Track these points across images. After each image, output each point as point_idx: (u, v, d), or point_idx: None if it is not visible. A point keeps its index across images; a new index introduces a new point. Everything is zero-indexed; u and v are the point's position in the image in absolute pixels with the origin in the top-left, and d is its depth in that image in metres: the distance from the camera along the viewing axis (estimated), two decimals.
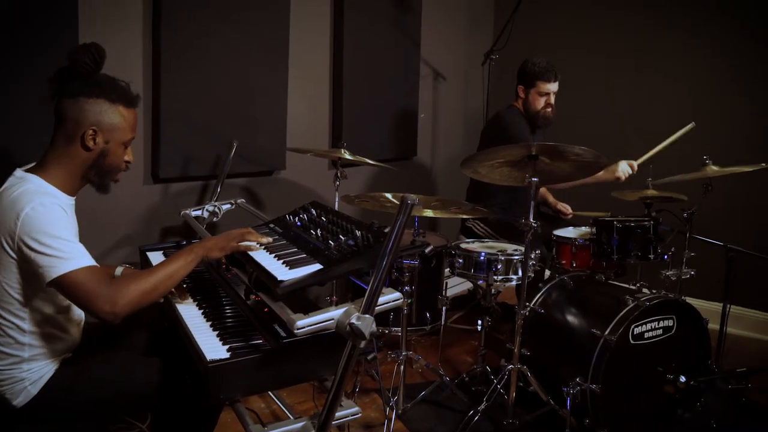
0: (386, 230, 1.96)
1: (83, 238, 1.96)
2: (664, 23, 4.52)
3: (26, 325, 1.91)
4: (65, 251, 1.78)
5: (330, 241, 2.09)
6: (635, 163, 3.67)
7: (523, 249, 3.04)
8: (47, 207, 1.81)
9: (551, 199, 4.28)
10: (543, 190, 4.28)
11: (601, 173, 3.52)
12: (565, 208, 4.19)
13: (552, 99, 3.93)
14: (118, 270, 2.37)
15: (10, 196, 1.85)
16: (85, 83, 1.92)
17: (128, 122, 2.00)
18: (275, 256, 2.08)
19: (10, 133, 2.64)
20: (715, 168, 3.28)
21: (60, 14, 2.75)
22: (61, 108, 1.93)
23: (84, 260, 1.80)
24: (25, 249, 1.78)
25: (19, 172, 1.95)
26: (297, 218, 2.45)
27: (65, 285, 1.78)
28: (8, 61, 2.61)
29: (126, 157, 2.06)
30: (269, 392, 3.01)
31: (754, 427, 3.09)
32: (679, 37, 4.47)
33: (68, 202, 1.97)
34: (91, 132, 1.92)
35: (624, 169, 3.64)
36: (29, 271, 1.82)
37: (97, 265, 1.85)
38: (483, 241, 3.61)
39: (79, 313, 2.11)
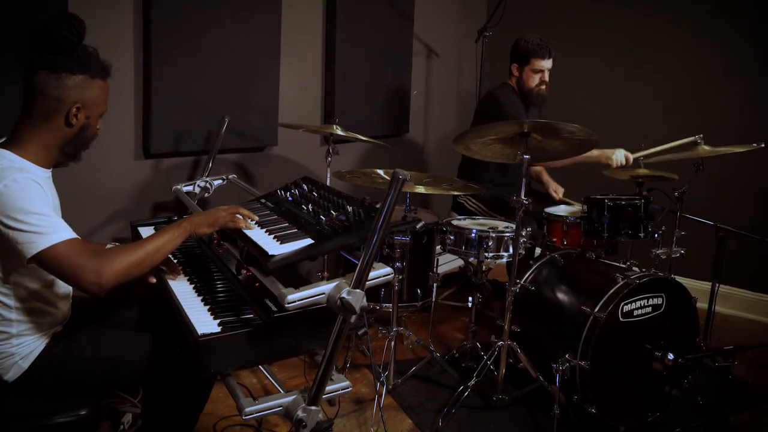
0: (378, 206, 1.96)
1: (74, 213, 1.96)
2: (659, 4, 4.50)
3: (11, 301, 1.89)
4: (43, 226, 1.74)
5: (321, 216, 2.09)
6: (631, 157, 3.64)
7: (514, 226, 3.04)
8: (21, 183, 1.76)
9: (546, 177, 4.27)
10: (539, 168, 4.28)
11: (596, 152, 3.53)
12: (556, 193, 4.16)
13: (546, 76, 3.92)
14: (108, 248, 2.36)
15: None
16: (68, 58, 1.86)
17: (105, 95, 1.98)
18: (266, 231, 2.08)
19: None
20: (707, 148, 3.29)
21: None
22: (40, 83, 1.86)
23: (64, 233, 1.77)
24: (1, 228, 1.74)
25: None
26: (288, 193, 2.45)
27: (47, 260, 1.74)
28: None
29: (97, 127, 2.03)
30: (260, 367, 3.03)
31: (740, 404, 3.12)
32: (674, 18, 4.45)
33: (44, 175, 1.92)
34: (75, 109, 1.88)
35: (619, 157, 3.61)
36: (7, 248, 1.78)
37: (79, 237, 1.82)
38: (474, 218, 3.62)
39: (65, 287, 2.08)
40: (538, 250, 3.69)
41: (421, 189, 3.14)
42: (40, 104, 1.87)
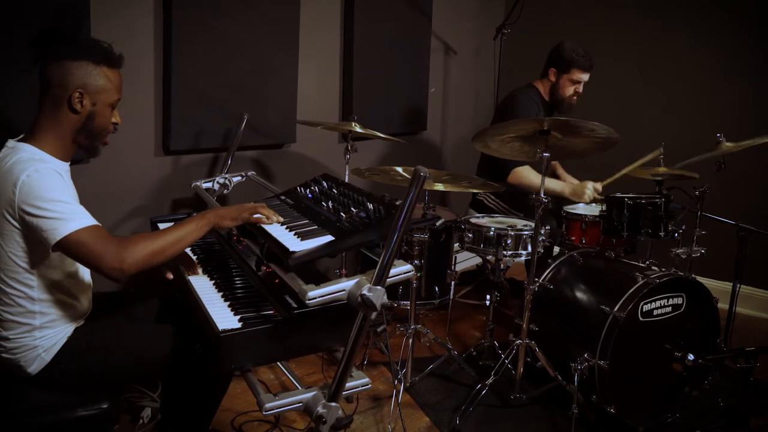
0: (398, 203, 1.96)
1: (94, 209, 1.95)
2: (673, 5, 4.47)
3: (35, 293, 1.92)
4: (66, 213, 1.78)
5: (341, 213, 2.09)
6: (600, 186, 3.63)
7: (532, 224, 3.03)
8: (43, 172, 1.81)
9: (561, 171, 4.25)
10: (554, 162, 4.25)
11: (567, 191, 3.64)
12: None
13: (581, 88, 3.87)
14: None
15: (4, 166, 1.85)
16: (68, 46, 1.91)
17: (113, 83, 1.98)
18: (287, 228, 2.08)
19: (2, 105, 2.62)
20: (729, 144, 3.24)
21: None
22: (45, 73, 1.91)
23: (86, 220, 1.80)
24: (26, 216, 1.78)
25: (11, 143, 1.94)
26: (308, 190, 2.45)
27: (70, 246, 1.78)
28: (5, 32, 2.59)
29: (113, 119, 2.03)
30: (278, 363, 3.03)
31: (762, 406, 3.09)
32: (692, 12, 4.42)
33: (63, 167, 1.96)
34: (77, 94, 1.90)
35: (589, 193, 3.60)
36: (33, 237, 1.82)
37: (99, 224, 1.85)
38: (493, 216, 3.61)
39: (87, 279, 2.12)
40: (556, 249, 3.67)
41: (440, 186, 3.14)
42: (48, 95, 1.92)
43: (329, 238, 1.95)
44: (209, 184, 3.15)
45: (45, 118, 1.93)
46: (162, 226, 2.83)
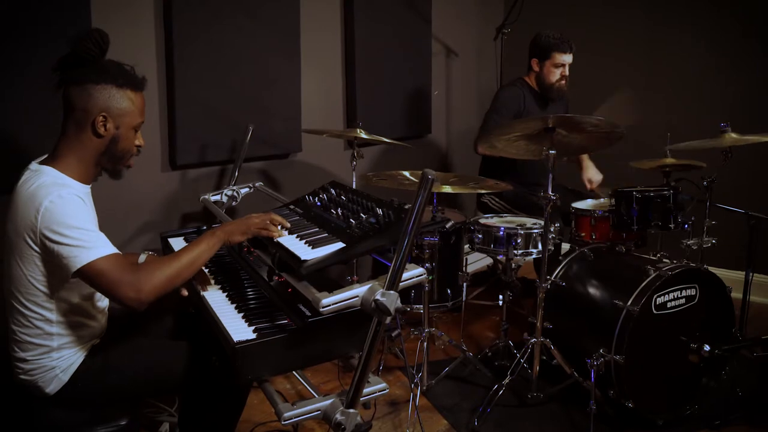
0: (407, 207, 1.96)
1: (104, 227, 1.98)
2: None
3: (53, 316, 1.93)
4: (87, 240, 1.79)
5: (351, 220, 2.09)
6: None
7: (541, 222, 3.03)
8: (65, 198, 1.81)
9: (586, 162, 4.17)
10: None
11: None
12: (590, 183, 4.11)
13: (567, 71, 3.90)
14: (142, 257, 2.39)
15: (27, 190, 1.85)
16: (91, 69, 1.90)
17: (137, 106, 1.98)
18: (297, 237, 2.09)
19: (24, 125, 2.64)
20: (734, 136, 3.22)
21: (72, 2, 2.75)
22: (69, 96, 1.91)
23: (106, 249, 1.82)
24: (47, 242, 1.79)
25: (33, 165, 1.94)
26: (317, 198, 2.46)
27: (89, 274, 1.79)
28: (20, 52, 2.61)
29: (137, 142, 2.03)
30: (294, 373, 3.04)
31: None
32: (692, 6, 4.42)
33: (84, 191, 1.97)
34: (101, 118, 1.90)
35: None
36: (53, 263, 1.83)
37: (119, 252, 1.86)
38: (501, 216, 3.60)
39: (104, 300, 2.13)
40: (565, 246, 3.67)
41: (447, 189, 3.14)
42: (71, 118, 1.92)
43: (340, 245, 1.96)
44: (217, 197, 3.16)
45: (68, 140, 1.93)
46: (173, 240, 2.84)
